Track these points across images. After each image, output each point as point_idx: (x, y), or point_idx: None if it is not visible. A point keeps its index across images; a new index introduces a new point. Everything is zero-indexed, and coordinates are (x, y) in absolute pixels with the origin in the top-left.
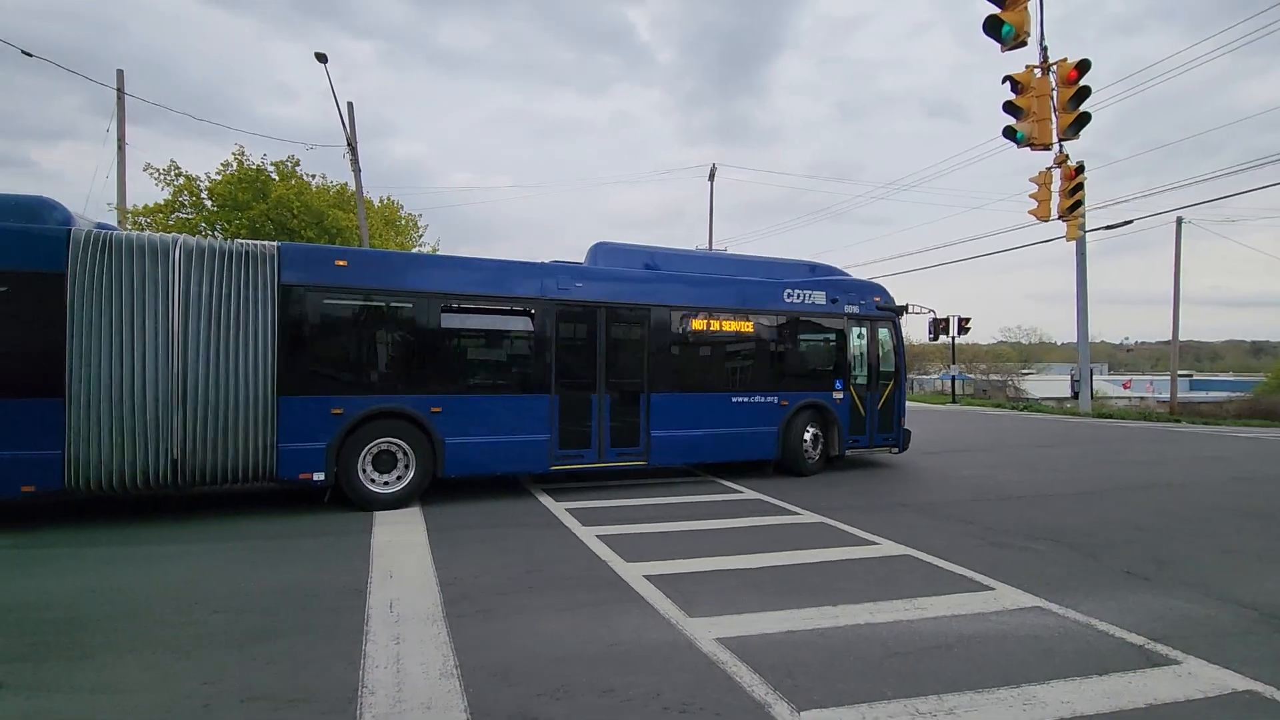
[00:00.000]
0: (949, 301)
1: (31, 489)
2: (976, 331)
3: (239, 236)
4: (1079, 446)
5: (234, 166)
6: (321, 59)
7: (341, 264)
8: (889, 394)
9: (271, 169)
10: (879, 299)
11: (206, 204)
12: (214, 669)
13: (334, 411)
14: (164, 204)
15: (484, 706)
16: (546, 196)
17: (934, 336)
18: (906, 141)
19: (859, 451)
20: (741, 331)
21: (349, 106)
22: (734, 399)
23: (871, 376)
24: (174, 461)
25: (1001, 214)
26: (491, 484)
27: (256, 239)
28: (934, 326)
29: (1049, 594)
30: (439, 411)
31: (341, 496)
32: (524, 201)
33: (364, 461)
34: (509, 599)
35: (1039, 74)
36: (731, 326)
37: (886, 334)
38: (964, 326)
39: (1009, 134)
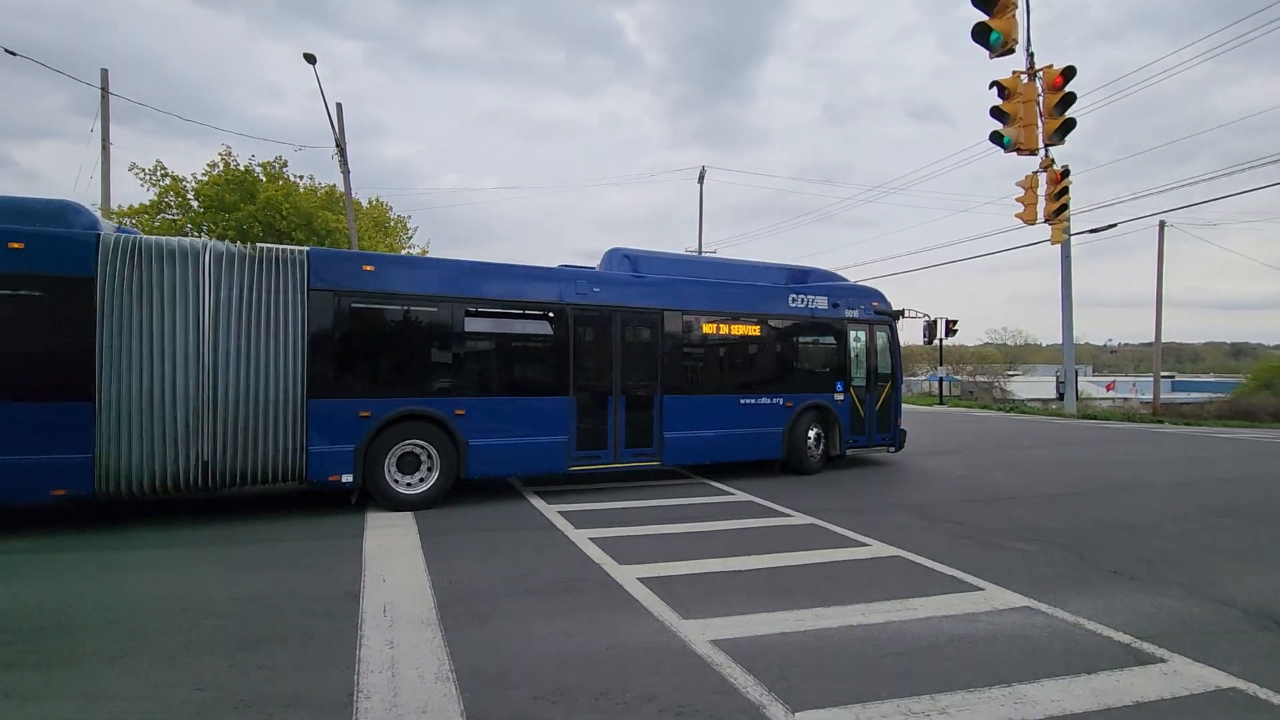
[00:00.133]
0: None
1: (62, 493)
2: (963, 333)
3: (226, 238)
4: (1065, 447)
5: (220, 167)
6: (310, 60)
7: (369, 269)
8: (886, 395)
9: (259, 170)
10: (877, 303)
11: (193, 205)
12: (205, 675)
13: (362, 414)
14: (149, 205)
15: (480, 710)
16: (536, 198)
17: (929, 340)
18: (893, 145)
19: (858, 451)
20: (749, 335)
21: (338, 107)
22: (742, 401)
23: (870, 378)
24: (204, 464)
25: (987, 217)
26: (483, 487)
27: (245, 241)
28: (928, 330)
29: (1038, 594)
30: (462, 414)
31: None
32: (514, 203)
33: (389, 463)
34: (503, 602)
35: (1025, 80)
36: (739, 330)
37: (884, 337)
38: (951, 329)
39: (996, 139)
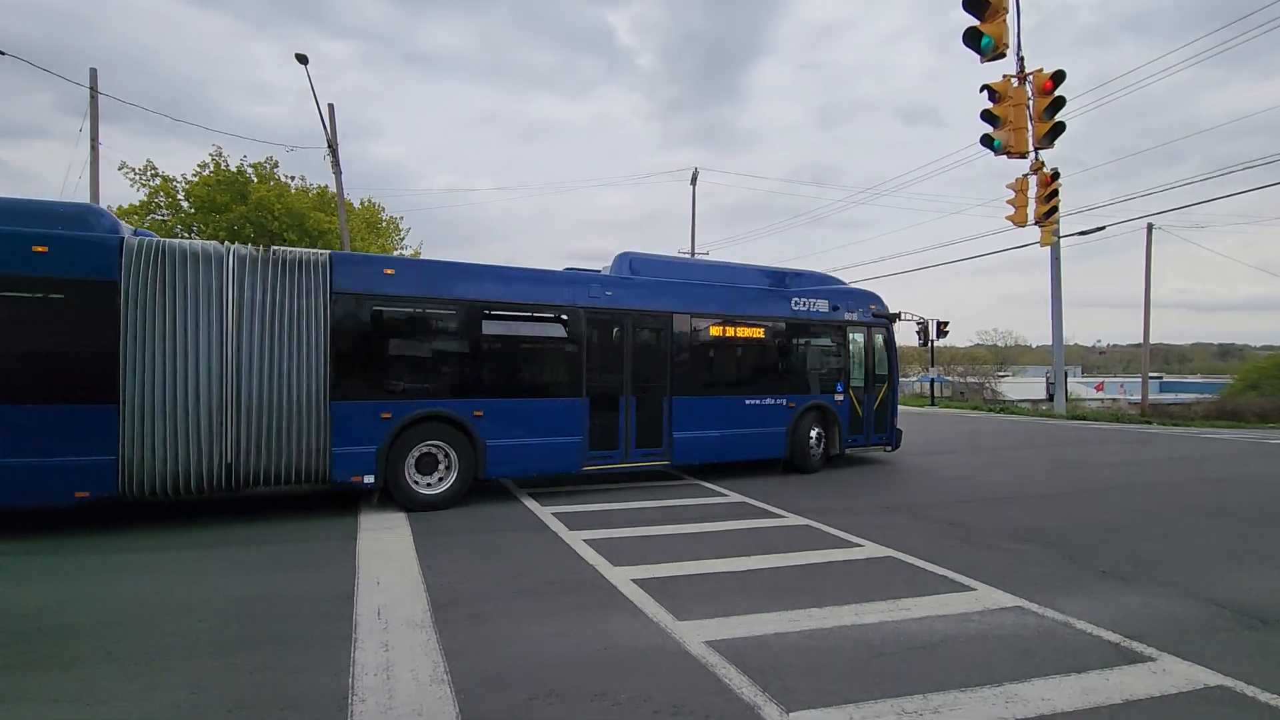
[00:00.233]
0: (926, 305)
1: (86, 495)
2: (953, 334)
3: (217, 239)
4: (1055, 448)
5: (211, 168)
6: (302, 60)
7: (389, 272)
8: (883, 396)
9: (251, 171)
10: (874, 307)
11: (183, 205)
12: (199, 678)
13: (383, 416)
14: (139, 205)
15: (475, 712)
16: (529, 199)
17: (924, 342)
18: (884, 147)
19: (856, 450)
20: (754, 337)
21: (330, 108)
22: (747, 401)
23: (868, 380)
24: (228, 466)
25: (977, 219)
26: (478, 488)
27: (236, 241)
28: (922, 332)
29: (1029, 594)
30: (480, 415)
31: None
32: (506, 204)
33: (409, 464)
34: (497, 604)
35: (1016, 84)
36: (745, 333)
37: (881, 339)
38: (942, 330)
39: (986, 141)
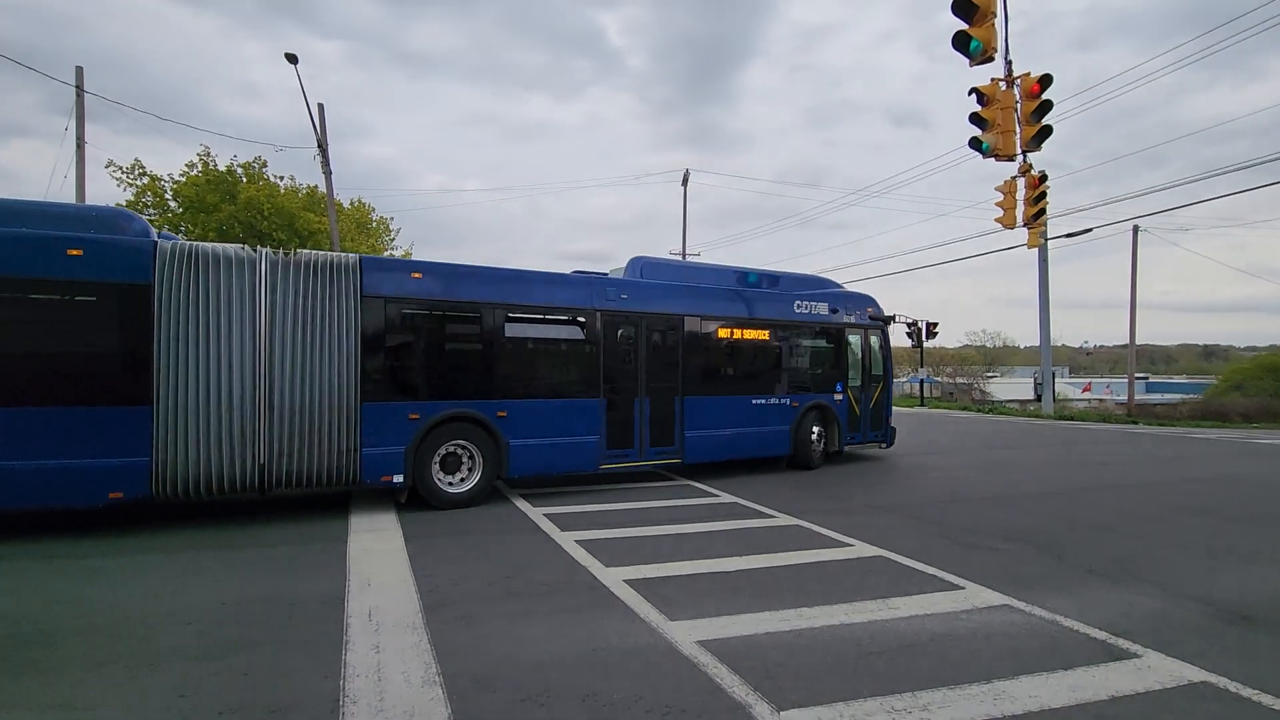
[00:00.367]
0: (915, 306)
1: (119, 496)
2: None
3: (207, 239)
4: (1043, 448)
5: (200, 168)
6: (292, 60)
7: (417, 276)
8: (879, 395)
9: (240, 170)
10: (871, 309)
11: (171, 205)
12: (189, 681)
13: (411, 416)
14: (126, 204)
15: (467, 713)
16: (520, 199)
17: (916, 343)
18: (873, 149)
19: (853, 447)
20: (760, 339)
21: (319, 108)
22: (754, 401)
23: (865, 380)
24: (260, 467)
25: (965, 220)
26: None
27: (225, 241)
28: (915, 334)
29: (1017, 592)
30: (504, 415)
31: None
32: (498, 204)
33: (435, 463)
34: (489, 605)
35: (1004, 87)
36: (752, 334)
37: (877, 341)
38: (932, 331)
39: (974, 144)
